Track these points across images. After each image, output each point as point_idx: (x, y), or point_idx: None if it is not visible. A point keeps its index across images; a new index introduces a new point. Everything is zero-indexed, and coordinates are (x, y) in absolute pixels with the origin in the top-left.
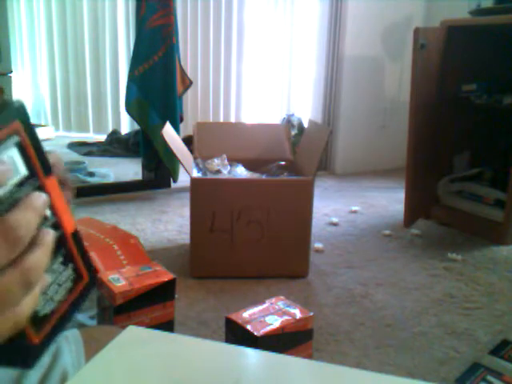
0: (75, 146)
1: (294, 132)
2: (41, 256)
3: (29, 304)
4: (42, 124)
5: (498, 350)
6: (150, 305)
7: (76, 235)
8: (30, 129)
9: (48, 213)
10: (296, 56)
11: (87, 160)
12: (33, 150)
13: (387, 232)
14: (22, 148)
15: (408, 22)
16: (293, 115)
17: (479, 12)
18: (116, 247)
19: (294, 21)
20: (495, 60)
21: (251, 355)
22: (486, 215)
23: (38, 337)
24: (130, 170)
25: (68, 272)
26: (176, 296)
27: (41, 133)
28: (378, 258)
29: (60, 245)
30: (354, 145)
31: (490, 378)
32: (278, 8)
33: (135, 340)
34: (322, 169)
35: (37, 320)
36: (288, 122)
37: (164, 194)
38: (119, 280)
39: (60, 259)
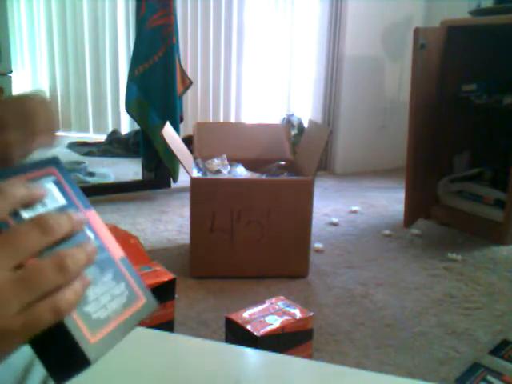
0: (75, 145)
1: (294, 132)
2: (77, 251)
3: (68, 295)
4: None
5: (497, 350)
6: None
7: (125, 260)
8: (66, 175)
9: (91, 236)
10: (296, 56)
11: (87, 160)
12: (70, 188)
13: (387, 232)
14: (59, 184)
15: (408, 22)
16: (293, 115)
17: (479, 12)
18: None
19: (294, 21)
20: (495, 60)
21: (251, 355)
22: (486, 215)
23: (93, 337)
24: (130, 170)
25: (121, 288)
26: (176, 296)
27: None
28: (378, 258)
29: (108, 265)
30: (354, 145)
31: (489, 377)
32: (278, 8)
33: (135, 340)
34: (322, 169)
35: (91, 321)
36: (288, 122)
37: (164, 194)
38: None
39: (110, 275)
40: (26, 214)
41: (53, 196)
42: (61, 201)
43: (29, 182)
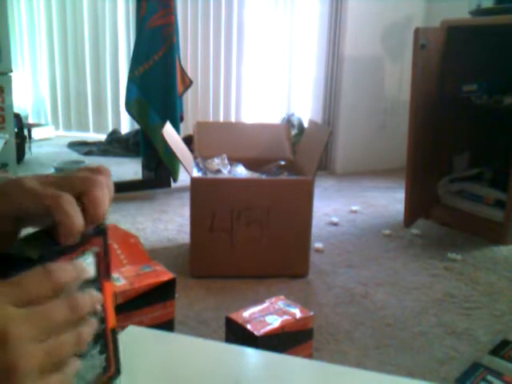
0: (75, 145)
1: (294, 132)
2: (85, 297)
3: (86, 329)
4: (42, 123)
5: (497, 350)
6: (150, 304)
7: (114, 331)
8: (105, 242)
9: (99, 308)
10: (296, 56)
11: (87, 160)
12: (104, 258)
13: (387, 232)
14: (98, 256)
15: (408, 22)
16: (293, 115)
17: (479, 12)
18: (116, 247)
19: (294, 21)
20: (495, 60)
21: (251, 355)
22: (486, 215)
23: None
24: (130, 169)
25: (101, 360)
26: (176, 295)
27: (41, 132)
28: (378, 257)
29: (101, 336)
30: (354, 145)
31: (490, 377)
32: (278, 8)
33: (135, 340)
34: (322, 169)
35: None
36: (288, 122)
37: (164, 194)
38: (119, 279)
39: (98, 348)
40: None
41: (88, 269)
42: (92, 273)
43: (77, 258)
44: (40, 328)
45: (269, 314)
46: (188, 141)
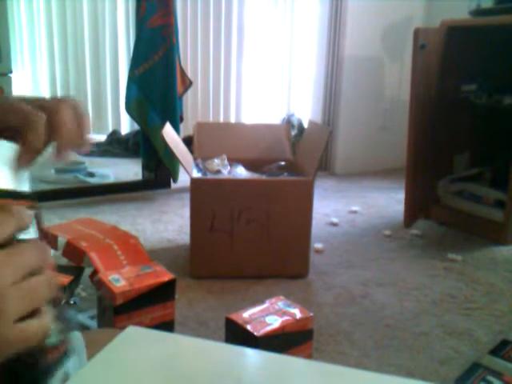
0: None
1: (294, 132)
2: (42, 279)
3: (49, 318)
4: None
5: (497, 350)
6: (150, 305)
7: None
8: (40, 214)
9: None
10: (296, 56)
11: (87, 160)
12: (39, 224)
13: (387, 232)
14: (36, 218)
15: (408, 22)
16: (293, 115)
17: (479, 12)
18: (116, 247)
19: (293, 21)
20: (495, 60)
21: (251, 355)
22: (486, 215)
23: (52, 355)
24: (130, 170)
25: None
26: (176, 296)
27: None
28: (378, 258)
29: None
30: (353, 145)
31: (489, 378)
32: (278, 8)
33: (135, 340)
34: (322, 169)
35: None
36: (288, 122)
37: (164, 194)
38: (119, 280)
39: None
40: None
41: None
42: (34, 235)
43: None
44: (15, 270)
45: (269, 314)
46: (188, 141)
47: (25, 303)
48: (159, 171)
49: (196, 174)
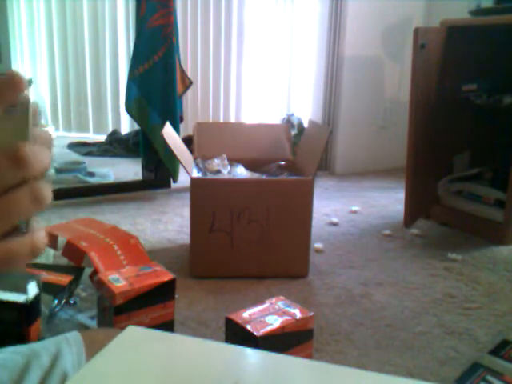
0: (75, 146)
1: (294, 132)
2: (25, 193)
3: (37, 235)
4: (42, 124)
5: (498, 350)
6: (150, 305)
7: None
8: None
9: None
10: (296, 56)
11: (87, 160)
12: None
13: (387, 232)
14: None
15: (408, 22)
16: (293, 115)
17: (479, 12)
18: (116, 247)
19: (293, 21)
20: (495, 60)
21: (251, 355)
22: (486, 215)
23: None
24: (130, 170)
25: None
26: (176, 296)
27: None
28: (378, 258)
29: None
30: (353, 145)
31: (489, 378)
32: (278, 8)
33: (135, 340)
34: (322, 169)
35: None
36: (288, 122)
37: (164, 194)
38: (119, 280)
39: None
40: None
41: None
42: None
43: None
44: None
45: (269, 314)
46: (188, 141)
47: (3, 220)
48: (159, 171)
49: (196, 174)
